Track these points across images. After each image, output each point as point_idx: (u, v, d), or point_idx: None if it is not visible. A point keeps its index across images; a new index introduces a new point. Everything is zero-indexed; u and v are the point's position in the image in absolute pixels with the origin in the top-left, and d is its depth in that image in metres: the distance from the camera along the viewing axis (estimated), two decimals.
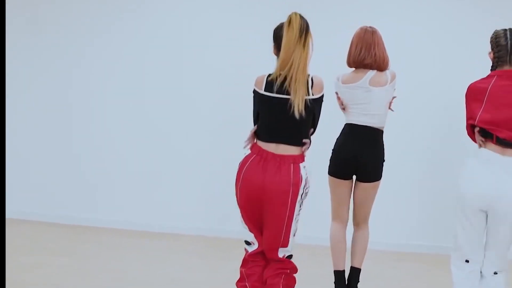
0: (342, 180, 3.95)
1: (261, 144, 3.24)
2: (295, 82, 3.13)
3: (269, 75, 3.25)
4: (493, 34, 3.26)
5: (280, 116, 3.18)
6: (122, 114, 6.27)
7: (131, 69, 6.28)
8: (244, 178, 3.20)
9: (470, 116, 3.26)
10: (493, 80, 3.18)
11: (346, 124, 3.99)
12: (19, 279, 4.18)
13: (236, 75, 5.99)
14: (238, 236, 5.76)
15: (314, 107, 3.22)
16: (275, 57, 3.27)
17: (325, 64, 5.78)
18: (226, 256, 5.26)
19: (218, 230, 6.05)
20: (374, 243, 5.74)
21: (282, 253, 3.24)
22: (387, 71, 3.95)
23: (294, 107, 3.13)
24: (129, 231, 6.06)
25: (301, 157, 3.22)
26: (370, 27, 3.99)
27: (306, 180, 3.18)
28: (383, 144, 3.98)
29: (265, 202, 3.18)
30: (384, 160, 3.97)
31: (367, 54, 3.89)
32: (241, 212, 3.28)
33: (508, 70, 3.16)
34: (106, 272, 4.57)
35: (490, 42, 3.26)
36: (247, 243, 3.33)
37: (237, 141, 6.07)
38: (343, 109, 4.00)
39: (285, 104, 3.16)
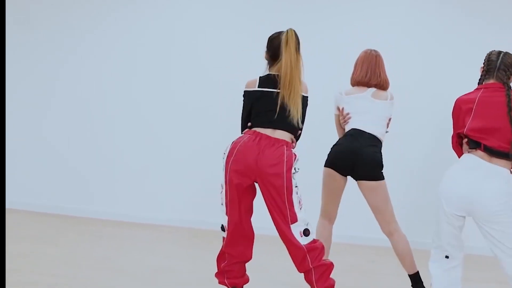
0: (337, 174, 3.97)
1: (258, 129, 3.40)
2: (293, 98, 3.36)
3: (260, 76, 3.45)
4: (489, 52, 3.47)
5: (276, 106, 3.36)
6: (113, 109, 6.38)
7: (122, 66, 6.37)
8: (237, 155, 3.32)
9: (460, 125, 3.38)
10: (480, 92, 3.37)
11: (349, 130, 4.06)
12: (6, 267, 4.25)
13: (224, 72, 6.09)
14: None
15: (302, 103, 3.43)
16: (266, 61, 3.49)
17: (315, 63, 5.93)
18: (208, 247, 5.37)
19: (201, 222, 6.16)
20: (354, 237, 5.94)
21: (296, 230, 3.30)
22: (388, 91, 4.10)
23: (293, 117, 3.36)
24: (116, 222, 6.17)
25: (292, 145, 3.42)
26: (374, 50, 4.12)
27: (297, 158, 3.36)
28: (381, 154, 4.00)
29: (260, 179, 3.32)
30: (382, 166, 3.98)
31: (372, 76, 4.03)
32: (225, 189, 3.37)
33: (494, 83, 3.36)
34: (92, 261, 4.65)
35: (484, 58, 3.47)
36: (223, 229, 3.44)
37: (221, 137, 6.19)
38: (345, 121, 4.06)
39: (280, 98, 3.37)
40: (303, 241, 3.30)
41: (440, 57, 5.94)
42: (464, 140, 3.38)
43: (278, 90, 3.37)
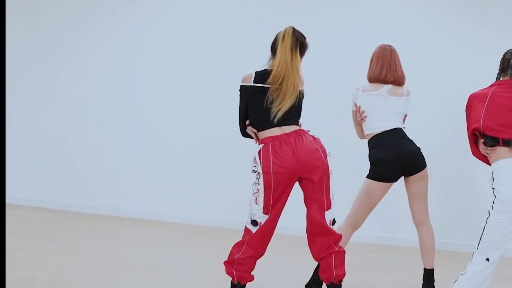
0: (387, 184, 4.02)
1: (267, 133, 3.41)
2: (283, 95, 3.38)
3: (257, 72, 3.46)
4: (506, 51, 3.49)
5: (273, 102, 3.38)
6: (114, 108, 6.39)
7: (123, 66, 6.38)
8: (275, 163, 3.32)
9: (474, 120, 3.38)
10: (493, 88, 3.40)
11: (371, 138, 4.08)
12: (6, 261, 4.27)
13: (224, 71, 6.08)
14: (224, 225, 5.99)
15: (298, 97, 3.46)
16: (268, 59, 3.50)
17: (315, 63, 5.96)
18: (209, 244, 5.41)
19: (202, 219, 6.17)
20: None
21: (328, 217, 3.40)
22: (404, 86, 4.13)
23: (280, 109, 3.37)
24: (116, 218, 6.19)
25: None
26: (388, 45, 4.14)
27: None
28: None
29: (304, 172, 3.35)
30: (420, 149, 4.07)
31: (388, 72, 4.05)
32: (265, 193, 3.35)
33: (508, 79, 3.41)
34: (92, 257, 4.67)
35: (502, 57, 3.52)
36: (254, 223, 3.41)
37: (221, 135, 6.24)
38: (361, 119, 4.08)
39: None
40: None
41: (440, 57, 5.95)
42: (480, 140, 3.37)
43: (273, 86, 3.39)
